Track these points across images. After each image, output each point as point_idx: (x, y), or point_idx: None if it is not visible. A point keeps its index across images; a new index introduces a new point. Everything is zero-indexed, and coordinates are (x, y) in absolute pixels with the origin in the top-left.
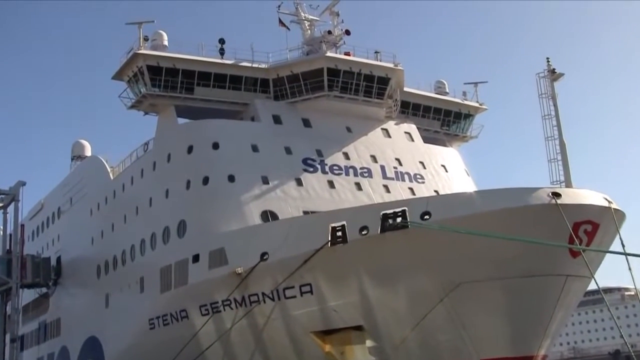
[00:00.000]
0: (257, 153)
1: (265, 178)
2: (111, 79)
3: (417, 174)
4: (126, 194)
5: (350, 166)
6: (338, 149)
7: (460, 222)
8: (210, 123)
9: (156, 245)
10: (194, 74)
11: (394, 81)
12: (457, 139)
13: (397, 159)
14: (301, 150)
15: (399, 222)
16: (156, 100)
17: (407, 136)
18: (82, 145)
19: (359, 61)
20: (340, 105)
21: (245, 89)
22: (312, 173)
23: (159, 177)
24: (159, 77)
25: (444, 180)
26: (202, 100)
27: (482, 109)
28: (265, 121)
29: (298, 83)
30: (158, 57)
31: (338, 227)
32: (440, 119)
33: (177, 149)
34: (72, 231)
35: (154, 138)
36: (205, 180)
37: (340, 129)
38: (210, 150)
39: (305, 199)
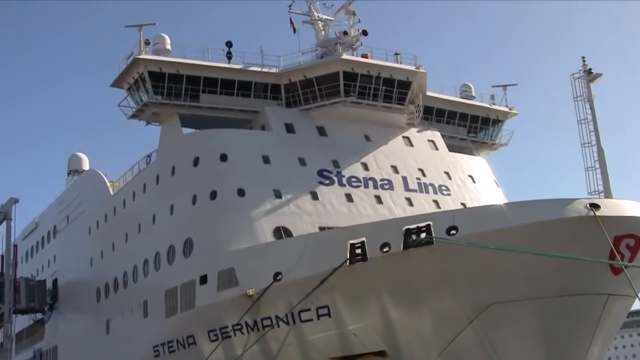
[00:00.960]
0: (268, 165)
1: (278, 192)
2: (110, 86)
3: (442, 185)
4: (127, 211)
5: (369, 178)
6: (356, 159)
7: (490, 237)
8: (218, 133)
9: (160, 266)
10: (199, 80)
11: (416, 85)
12: (485, 146)
13: (420, 170)
14: (316, 161)
15: (423, 238)
16: (159, 109)
17: (430, 144)
18: (79, 159)
19: (377, 64)
20: (358, 111)
21: (255, 95)
22: (328, 186)
23: (162, 191)
24: (161, 83)
25: (472, 192)
26: (208, 108)
27: (511, 113)
28: (276, 130)
29: (312, 88)
30: (160, 62)
31: (357, 244)
32: (467, 125)
33: (182, 161)
34: (69, 251)
35: (157, 150)
36: (212, 195)
37: (358, 138)
38: (217, 162)
39: (321, 214)
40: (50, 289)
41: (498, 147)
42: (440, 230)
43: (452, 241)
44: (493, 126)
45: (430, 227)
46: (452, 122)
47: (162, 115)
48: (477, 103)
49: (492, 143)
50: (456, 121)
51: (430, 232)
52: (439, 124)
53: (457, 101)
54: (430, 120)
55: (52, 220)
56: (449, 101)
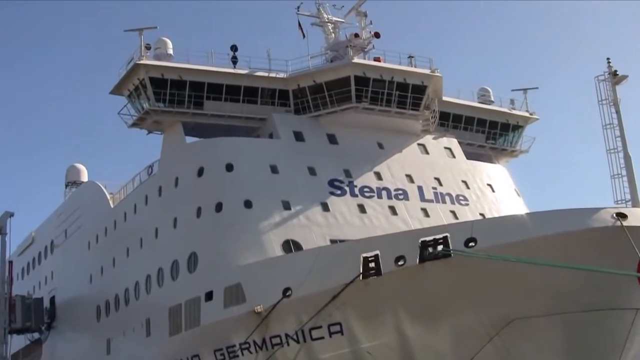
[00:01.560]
0: (276, 175)
1: (287, 203)
2: (109, 93)
3: (459, 195)
4: (128, 224)
5: (383, 188)
6: (369, 168)
7: (511, 250)
8: (223, 142)
9: (164, 282)
10: (203, 86)
11: (431, 89)
12: (504, 154)
13: (437, 179)
14: (327, 170)
15: (440, 251)
16: (161, 117)
17: (447, 152)
18: (78, 170)
19: (390, 67)
20: (371, 118)
21: (262, 102)
22: (339, 196)
23: (165, 204)
24: (163, 90)
25: (491, 202)
26: (213, 115)
27: (532, 118)
28: (285, 138)
29: (322, 94)
30: (162, 68)
31: (371, 257)
32: (485, 131)
33: (186, 171)
34: (68, 267)
35: (159, 160)
36: (218, 207)
37: (370, 146)
38: (223, 172)
39: (332, 226)
40: (47, 307)
41: (518, 154)
42: (458, 243)
43: (471, 254)
44: (513, 132)
45: (448, 239)
46: (470, 128)
47: (164, 123)
48: (496, 108)
49: (512, 150)
50: (474, 127)
51: (447, 245)
52: (455, 130)
53: (475, 106)
54: (447, 126)
55: (49, 234)
56: (466, 106)
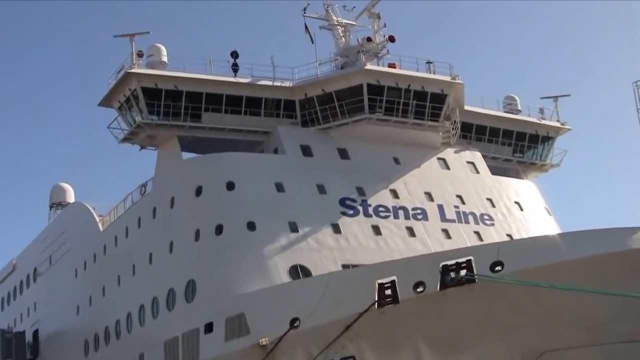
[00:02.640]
0: (282, 193)
1: (294, 225)
2: (98, 105)
3: (484, 214)
4: (120, 249)
5: (399, 207)
6: (384, 185)
7: (542, 274)
8: (223, 157)
9: (159, 313)
10: (201, 96)
11: (452, 98)
12: (534, 168)
13: (459, 196)
14: (338, 188)
15: (463, 276)
16: (155, 131)
17: (470, 167)
18: (63, 190)
19: (407, 74)
20: (385, 130)
21: (266, 113)
22: (352, 217)
23: (160, 226)
24: (157, 101)
25: (519, 222)
26: (212, 129)
27: (564, 129)
28: (291, 153)
29: (331, 104)
30: (155, 77)
31: (387, 283)
32: (512, 143)
33: (183, 190)
34: (53, 298)
35: (153, 178)
36: (218, 230)
37: (385, 161)
38: (223, 191)
39: (344, 249)
40: (30, 341)
41: (549, 168)
42: (483, 267)
43: (497, 279)
44: (543, 144)
45: (472, 263)
46: (495, 140)
47: (158, 138)
48: (523, 118)
49: (542, 164)
50: (499, 139)
51: (471, 269)
52: (479, 142)
53: (501, 116)
54: (470, 138)
55: (32, 261)
56: (490, 116)
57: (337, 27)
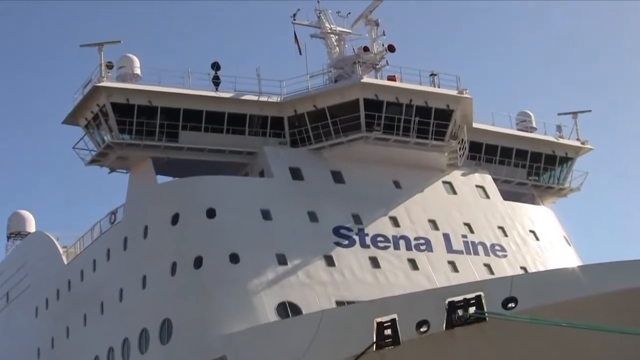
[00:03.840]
0: (269, 222)
1: (282, 257)
2: (62, 123)
3: (495, 244)
4: (86, 285)
5: (400, 236)
6: (383, 212)
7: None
8: (203, 182)
9: (130, 356)
10: (178, 113)
11: (459, 114)
12: (551, 192)
13: (467, 225)
14: (331, 216)
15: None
16: (126, 152)
17: (479, 191)
18: (22, 218)
19: (408, 88)
20: (384, 150)
21: (251, 132)
22: (347, 248)
23: (132, 259)
24: (129, 118)
25: (535, 253)
26: (190, 149)
27: (585, 149)
28: (279, 177)
29: (324, 122)
30: (127, 91)
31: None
32: (527, 165)
33: (157, 218)
34: (10, 339)
35: (124, 204)
36: (197, 262)
37: (384, 185)
38: (203, 219)
39: (338, 284)
40: None
41: (568, 193)
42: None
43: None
44: (561, 166)
45: (482, 299)
46: (508, 161)
47: (130, 159)
48: (539, 136)
49: (560, 188)
50: (512, 160)
51: (481, 306)
52: (490, 164)
53: (514, 134)
54: (479, 159)
55: None
56: (502, 134)
57: (331, 35)
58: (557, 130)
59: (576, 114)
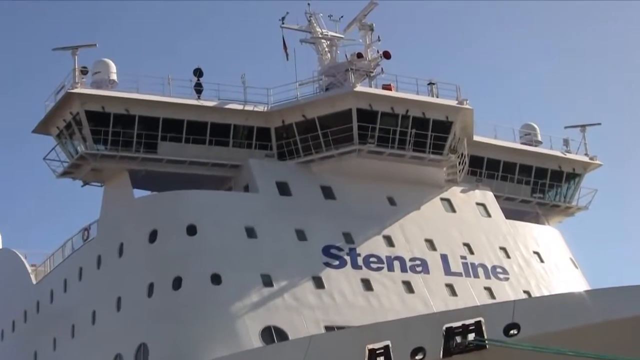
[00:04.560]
0: (254, 240)
1: (268, 278)
2: (32, 132)
3: (497, 266)
4: (56, 306)
5: (395, 257)
6: (376, 231)
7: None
8: (183, 196)
9: None
10: (157, 122)
11: (459, 126)
12: (557, 211)
13: (467, 245)
14: (321, 234)
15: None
16: (101, 164)
17: (480, 209)
18: None
19: (405, 98)
20: (379, 165)
21: (235, 143)
22: (337, 269)
23: (106, 279)
24: (104, 128)
25: (539, 276)
26: (170, 162)
27: (594, 164)
28: (265, 191)
29: (314, 133)
30: (103, 99)
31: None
32: (531, 182)
33: (134, 235)
34: None
35: (99, 220)
36: (176, 283)
37: (378, 201)
38: (183, 236)
39: (328, 308)
40: None
41: (575, 211)
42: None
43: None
44: (568, 182)
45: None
46: (511, 177)
47: (105, 172)
48: (544, 151)
49: (567, 206)
50: (516, 176)
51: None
52: (491, 180)
53: (517, 148)
54: (480, 175)
55: None
56: (505, 148)
57: (322, 40)
58: (564, 144)
59: (584, 127)
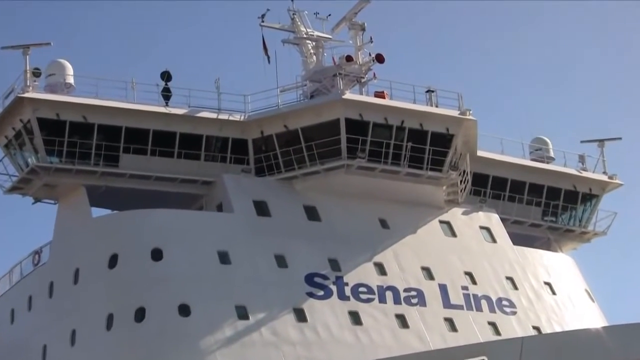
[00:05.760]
0: (227, 266)
1: (243, 309)
2: None
3: (502, 298)
4: (2, 340)
5: (387, 287)
6: (366, 257)
7: None
8: (148, 216)
9: None
10: (119, 132)
11: (461, 140)
12: (571, 236)
13: (469, 274)
14: (303, 260)
15: None
16: (55, 178)
17: (484, 233)
18: None
19: (400, 107)
20: (370, 182)
21: (208, 157)
22: (322, 299)
23: (59, 309)
24: (59, 138)
25: (550, 309)
26: (133, 177)
27: (613, 184)
28: (241, 211)
29: (297, 146)
30: (57, 105)
31: None
32: (542, 203)
33: (92, 260)
34: None
35: (52, 242)
36: (139, 314)
37: (369, 224)
38: (148, 261)
39: (311, 343)
40: None
41: (592, 237)
42: None
43: None
44: (584, 204)
45: None
46: (519, 198)
47: (59, 187)
48: (557, 168)
49: (583, 231)
50: (525, 197)
51: None
52: (497, 201)
53: (526, 165)
54: (484, 195)
55: None
56: (512, 165)
57: (307, 41)
58: (579, 161)
59: (603, 142)
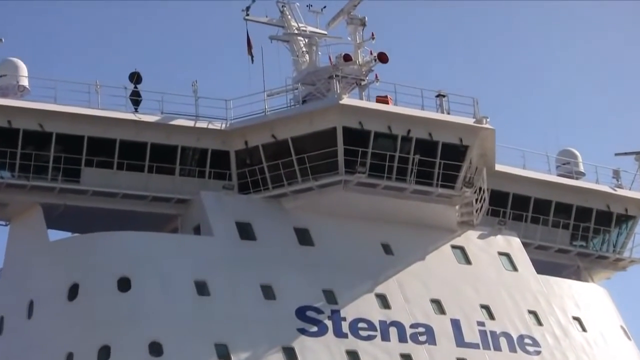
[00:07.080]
0: (206, 298)
1: (224, 348)
2: None
3: (525, 335)
4: None
5: (391, 322)
6: (367, 288)
7: None
8: (114, 239)
9: None
10: (80, 142)
11: (477, 153)
12: (604, 264)
13: (485, 307)
14: (294, 291)
15: None
16: (6, 195)
17: (504, 260)
18: None
19: (405, 114)
20: (371, 201)
21: (183, 171)
22: (316, 336)
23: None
24: (10, 149)
25: (580, 348)
26: (97, 194)
27: None
28: (222, 234)
29: (287, 159)
30: (9, 110)
31: None
32: (570, 225)
33: (48, 290)
34: None
35: (2, 270)
36: (103, 353)
37: (370, 249)
38: (114, 292)
39: None
40: None
41: (628, 265)
42: None
43: None
44: (619, 227)
45: None
46: (544, 219)
47: (11, 206)
48: (588, 185)
49: (618, 258)
50: (550, 218)
51: None
52: (518, 222)
53: (552, 181)
54: (504, 216)
55: None
56: (536, 182)
57: (298, 37)
58: (613, 176)
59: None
